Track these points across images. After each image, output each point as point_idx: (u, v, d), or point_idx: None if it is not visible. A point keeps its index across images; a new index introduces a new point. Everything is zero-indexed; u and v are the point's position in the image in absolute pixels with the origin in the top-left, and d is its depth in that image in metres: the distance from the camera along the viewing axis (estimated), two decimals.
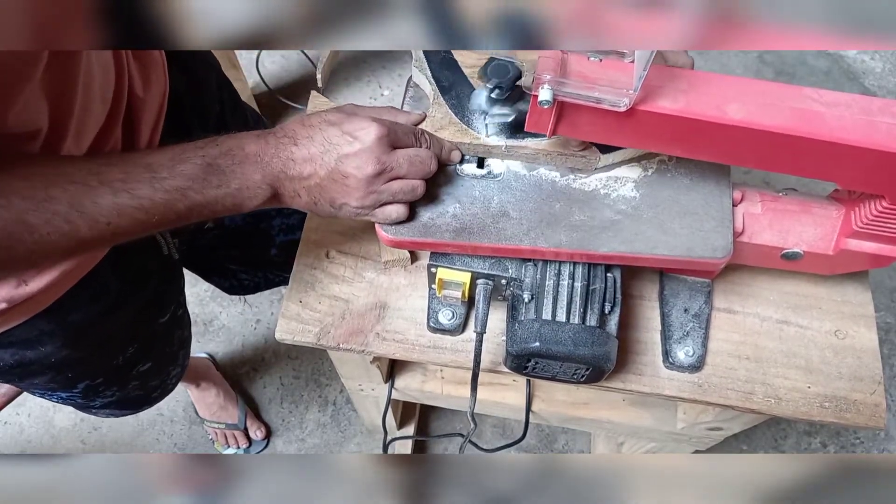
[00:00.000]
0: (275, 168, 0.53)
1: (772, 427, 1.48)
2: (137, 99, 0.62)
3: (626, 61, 0.51)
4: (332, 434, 1.46)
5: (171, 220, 0.51)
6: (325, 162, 0.53)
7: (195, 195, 0.50)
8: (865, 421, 0.65)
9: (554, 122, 0.54)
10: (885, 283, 1.63)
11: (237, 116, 0.84)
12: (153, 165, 0.49)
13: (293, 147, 0.53)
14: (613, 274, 0.61)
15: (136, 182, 0.48)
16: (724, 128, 0.51)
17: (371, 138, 0.53)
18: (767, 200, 0.63)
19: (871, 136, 0.49)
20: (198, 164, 0.50)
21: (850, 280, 0.71)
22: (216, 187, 0.51)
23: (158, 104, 0.66)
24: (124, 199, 0.48)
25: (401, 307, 0.69)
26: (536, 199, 0.60)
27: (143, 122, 0.64)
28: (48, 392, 0.84)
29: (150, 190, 0.49)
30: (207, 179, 0.50)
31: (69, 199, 0.46)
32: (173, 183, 0.49)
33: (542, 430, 1.47)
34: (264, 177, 0.52)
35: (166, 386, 1.03)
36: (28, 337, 0.67)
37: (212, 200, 0.51)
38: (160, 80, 0.66)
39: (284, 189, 0.54)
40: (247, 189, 0.52)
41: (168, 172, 0.49)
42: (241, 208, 0.53)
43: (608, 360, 0.59)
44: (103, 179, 0.48)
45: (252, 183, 0.52)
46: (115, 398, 0.91)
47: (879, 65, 1.95)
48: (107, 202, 0.47)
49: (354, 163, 0.53)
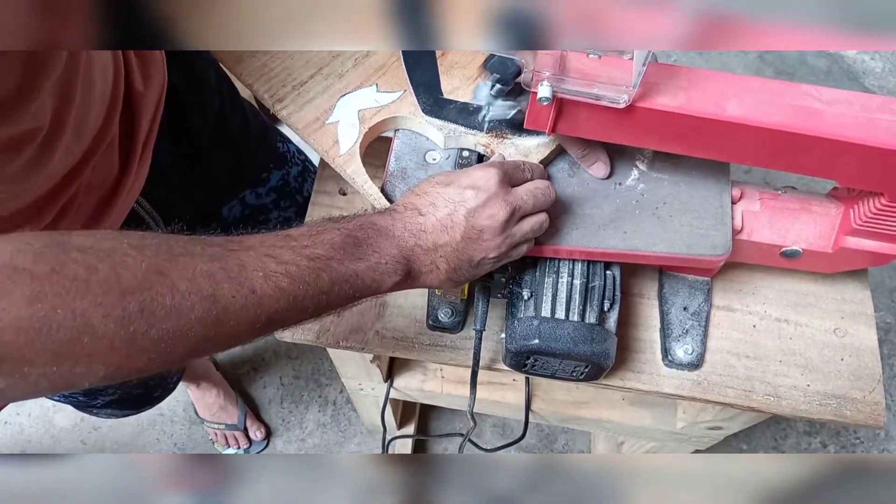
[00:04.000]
0: (408, 242, 0.50)
1: (772, 427, 1.48)
2: (137, 94, 0.62)
3: (625, 58, 0.51)
4: (332, 434, 1.46)
5: (315, 296, 0.45)
6: (457, 223, 0.50)
7: (337, 265, 0.46)
8: (865, 419, 0.65)
9: (553, 119, 0.54)
10: (884, 283, 1.63)
11: (236, 111, 0.84)
12: (293, 235, 0.46)
13: (420, 218, 0.51)
14: (612, 271, 0.62)
15: (279, 248, 0.44)
16: (723, 125, 0.51)
17: (493, 183, 0.51)
18: (767, 198, 0.63)
19: (871, 133, 0.49)
20: (338, 234, 0.48)
21: (850, 278, 0.71)
22: (357, 259, 0.47)
23: (157, 99, 0.66)
24: (269, 263, 0.43)
25: (400, 305, 0.69)
26: None
27: (143, 116, 0.64)
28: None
29: (294, 255, 0.45)
30: (347, 250, 0.47)
31: (210, 255, 0.41)
32: (315, 251, 0.46)
33: (542, 430, 1.47)
34: (400, 251, 0.50)
35: (167, 385, 1.03)
36: None
37: (352, 274, 0.47)
38: (159, 74, 0.66)
39: (420, 264, 0.51)
40: (385, 264, 0.49)
41: (309, 241, 0.46)
42: (380, 286, 0.49)
43: (607, 358, 0.59)
44: (243, 245, 0.43)
45: (390, 257, 0.49)
46: (117, 396, 0.91)
47: (879, 65, 1.95)
48: (251, 263, 0.42)
49: (485, 213, 0.51)
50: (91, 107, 0.54)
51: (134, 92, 0.62)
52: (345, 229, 0.48)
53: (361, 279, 0.48)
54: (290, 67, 0.65)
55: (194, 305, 0.39)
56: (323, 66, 0.65)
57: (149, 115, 0.65)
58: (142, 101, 0.63)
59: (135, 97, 0.62)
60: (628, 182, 0.62)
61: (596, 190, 0.61)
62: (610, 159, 0.62)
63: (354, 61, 0.65)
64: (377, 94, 0.63)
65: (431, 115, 0.61)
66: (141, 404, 1.02)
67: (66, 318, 0.34)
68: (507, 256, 0.54)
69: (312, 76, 0.64)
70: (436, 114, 0.61)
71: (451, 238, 0.50)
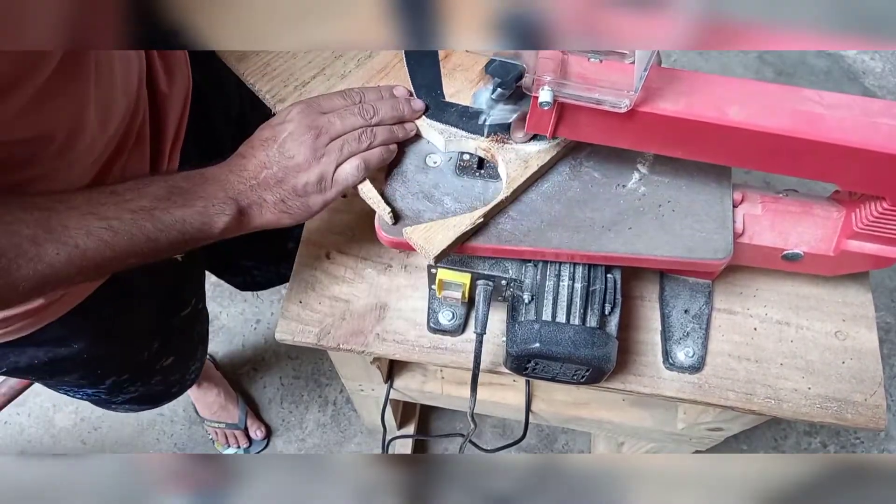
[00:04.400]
0: (233, 183, 0.54)
1: (772, 427, 1.48)
2: (162, 95, 0.63)
3: (626, 62, 0.51)
4: (332, 434, 1.46)
5: (141, 244, 0.51)
6: (271, 156, 0.54)
7: (161, 214, 0.51)
8: (866, 422, 0.65)
9: (554, 124, 0.54)
10: (884, 284, 1.63)
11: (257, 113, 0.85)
12: (118, 190, 0.50)
13: (242, 160, 0.55)
14: (613, 275, 0.61)
15: (101, 205, 0.49)
16: (724, 129, 0.51)
17: (294, 114, 0.55)
18: (768, 201, 0.63)
19: (872, 137, 0.49)
20: (162, 187, 0.51)
21: (851, 281, 0.71)
22: (181, 206, 0.52)
23: (183, 99, 0.67)
24: (91, 220, 0.48)
25: (401, 308, 0.69)
26: (536, 199, 0.60)
27: (169, 117, 0.65)
28: (75, 389, 0.85)
29: (117, 210, 0.49)
30: (172, 199, 0.51)
31: (35, 220, 0.46)
32: (139, 203, 0.50)
33: (542, 430, 1.47)
34: (227, 192, 0.54)
35: (185, 381, 1.04)
36: (61, 334, 0.69)
37: (179, 219, 0.51)
38: (184, 74, 0.67)
39: (249, 200, 0.55)
40: (212, 206, 0.53)
41: (133, 194, 0.50)
42: (211, 228, 0.53)
43: (608, 361, 0.59)
44: (69, 204, 0.48)
45: (217, 200, 0.53)
46: (138, 394, 0.92)
47: (879, 65, 1.95)
48: (73, 223, 0.47)
49: (293, 140, 0.54)
50: (113, 102, 0.55)
51: (159, 92, 0.63)
52: (171, 180, 0.52)
53: (190, 223, 0.52)
54: (293, 67, 0.65)
55: (20, 266, 0.45)
56: (325, 66, 0.65)
57: (175, 116, 0.66)
58: (167, 101, 0.64)
59: (160, 98, 0.63)
60: (629, 185, 0.62)
61: (597, 193, 0.61)
62: (611, 162, 0.62)
63: (357, 62, 0.65)
64: None
65: (432, 118, 0.61)
66: (159, 400, 1.04)
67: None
68: (335, 182, 0.56)
69: (315, 76, 0.64)
70: (437, 117, 0.61)
71: (269, 172, 0.54)
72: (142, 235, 0.50)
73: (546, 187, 0.61)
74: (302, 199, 0.56)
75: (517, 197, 0.60)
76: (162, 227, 0.51)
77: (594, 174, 0.62)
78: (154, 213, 0.50)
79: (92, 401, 0.93)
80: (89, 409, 1.45)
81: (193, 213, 0.52)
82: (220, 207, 0.53)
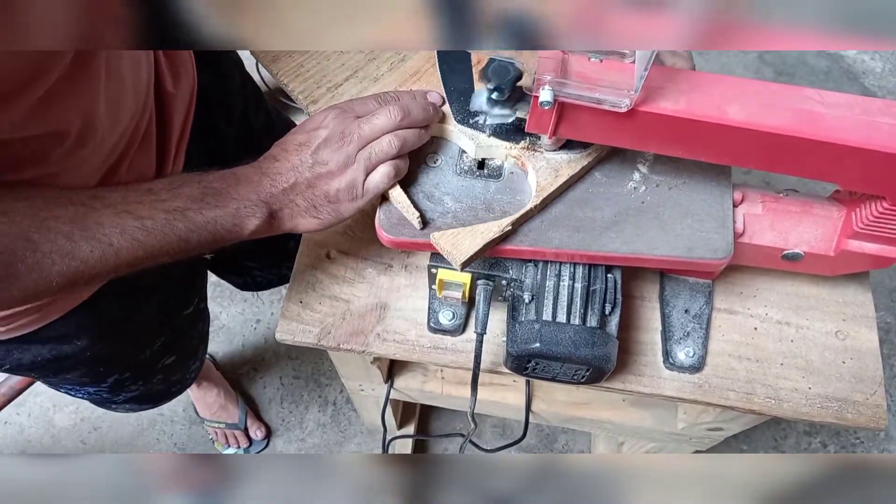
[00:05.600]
0: (266, 186, 0.54)
1: (772, 427, 1.48)
2: (168, 94, 0.63)
3: (626, 62, 0.51)
4: (332, 434, 1.46)
5: (173, 244, 0.51)
6: (304, 161, 0.55)
7: (194, 215, 0.51)
8: (866, 422, 0.65)
9: (554, 124, 0.54)
10: (884, 283, 1.63)
11: (260, 113, 0.85)
12: (153, 189, 0.51)
13: (276, 163, 0.55)
14: (614, 275, 0.61)
15: (137, 203, 0.50)
16: (724, 129, 0.51)
17: (328, 120, 0.55)
18: (768, 201, 0.63)
19: (872, 137, 0.49)
20: (196, 187, 0.52)
21: (851, 281, 0.71)
22: (214, 207, 0.52)
23: (188, 99, 0.67)
24: (126, 218, 0.49)
25: (401, 308, 0.69)
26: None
27: (174, 116, 0.65)
28: (77, 387, 0.85)
29: (151, 209, 0.50)
30: (205, 200, 0.52)
31: (71, 216, 0.47)
32: (173, 203, 0.51)
33: (542, 430, 1.47)
34: (259, 196, 0.54)
35: (185, 380, 1.04)
36: (65, 331, 0.69)
37: (211, 220, 0.52)
38: (189, 74, 0.67)
39: (280, 204, 0.55)
40: (244, 208, 0.53)
41: (168, 194, 0.51)
42: (241, 230, 0.54)
43: (608, 361, 0.59)
44: (105, 202, 0.49)
45: (249, 202, 0.53)
46: (139, 392, 0.92)
47: (879, 65, 1.95)
48: (108, 221, 0.48)
49: (327, 146, 0.55)
50: (124, 100, 0.55)
51: (164, 92, 0.63)
52: (205, 181, 0.53)
53: (221, 224, 0.53)
54: (326, 69, 0.65)
55: (55, 262, 0.46)
56: (358, 68, 0.65)
57: (180, 115, 0.66)
58: (172, 102, 0.64)
59: (165, 97, 0.63)
60: (630, 185, 0.62)
61: (597, 193, 0.61)
62: (611, 162, 0.62)
63: (390, 65, 0.65)
64: None
65: (464, 125, 0.61)
66: (158, 399, 1.04)
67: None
68: (366, 190, 0.56)
69: (347, 79, 0.64)
70: (469, 123, 0.61)
71: (301, 176, 0.55)
72: (174, 236, 0.51)
73: None
74: (333, 205, 0.56)
75: (546, 206, 0.60)
76: (194, 227, 0.51)
77: (595, 174, 0.62)
78: (187, 213, 0.51)
79: (93, 400, 0.93)
80: (89, 409, 1.45)
81: (225, 214, 0.53)
82: (251, 210, 0.53)
